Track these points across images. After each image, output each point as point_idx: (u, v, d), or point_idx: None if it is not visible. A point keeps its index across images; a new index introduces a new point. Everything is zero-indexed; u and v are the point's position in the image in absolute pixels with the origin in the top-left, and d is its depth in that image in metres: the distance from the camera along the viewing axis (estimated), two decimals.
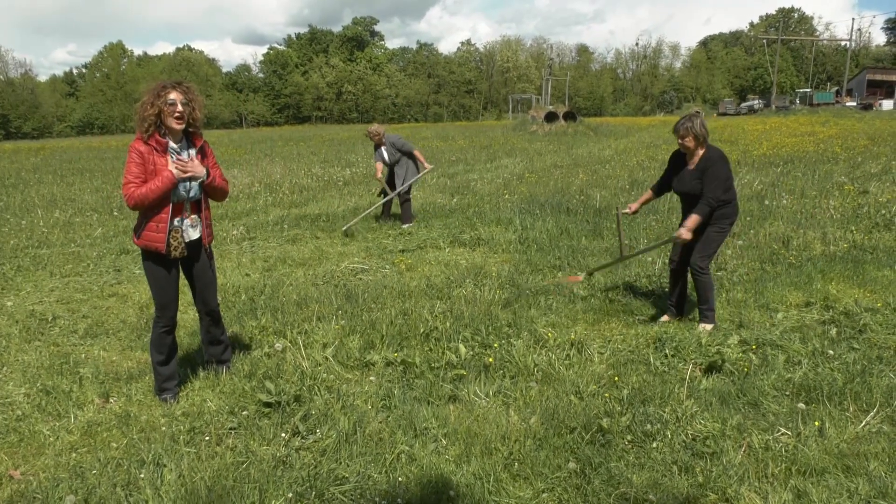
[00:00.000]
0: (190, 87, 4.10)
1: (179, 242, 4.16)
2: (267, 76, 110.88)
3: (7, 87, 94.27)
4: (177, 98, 3.98)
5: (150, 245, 4.10)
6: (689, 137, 5.27)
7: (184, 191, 4.11)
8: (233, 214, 12.65)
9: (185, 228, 4.20)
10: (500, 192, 13.79)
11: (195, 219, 4.25)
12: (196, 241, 4.31)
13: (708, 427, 3.71)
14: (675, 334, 5.10)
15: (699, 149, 5.33)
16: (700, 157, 5.32)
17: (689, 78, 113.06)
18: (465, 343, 5.06)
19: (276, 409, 4.10)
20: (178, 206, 4.13)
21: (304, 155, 27.80)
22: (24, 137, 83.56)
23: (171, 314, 4.34)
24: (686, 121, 5.29)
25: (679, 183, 5.46)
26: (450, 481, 3.30)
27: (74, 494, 3.26)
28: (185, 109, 4.02)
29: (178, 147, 4.10)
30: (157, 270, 4.22)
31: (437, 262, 8.17)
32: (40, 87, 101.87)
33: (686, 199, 5.49)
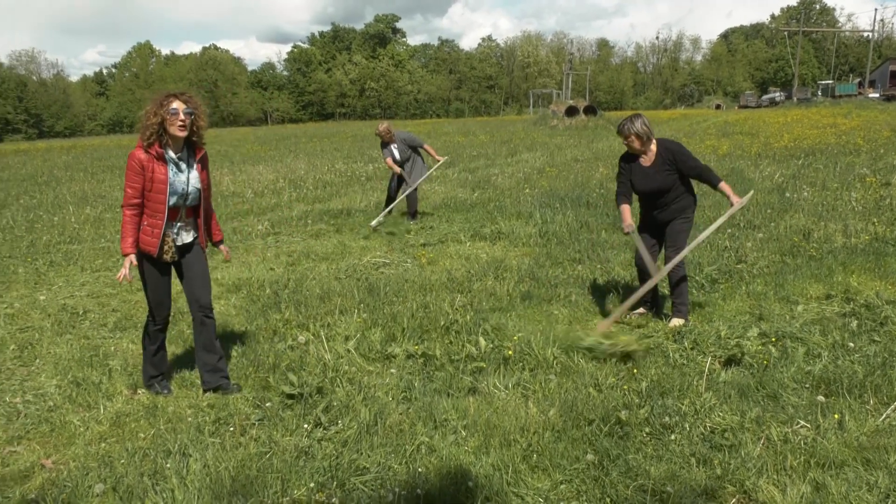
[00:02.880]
0: (193, 97, 4.14)
1: (171, 247, 4.20)
2: (291, 74, 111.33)
3: (40, 88, 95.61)
4: (179, 107, 4.02)
5: (143, 248, 4.13)
6: (632, 137, 5.29)
7: (181, 199, 4.15)
8: (258, 210, 12.73)
9: (179, 233, 4.24)
10: (520, 187, 13.75)
11: (190, 223, 4.29)
12: (189, 244, 4.33)
13: (726, 419, 3.67)
14: (694, 327, 5.06)
15: (649, 145, 5.34)
16: (656, 152, 5.33)
17: (709, 71, 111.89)
18: (484, 336, 5.06)
19: (299, 401, 4.13)
20: (173, 211, 4.16)
21: (327, 151, 27.89)
22: (57, 136, 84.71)
23: (165, 313, 4.39)
24: (627, 122, 5.34)
25: (644, 182, 5.38)
26: (469, 472, 3.30)
27: (103, 483, 3.30)
28: (188, 119, 4.05)
29: (178, 157, 4.12)
30: (150, 271, 4.23)
31: (458, 255, 8.16)
32: (72, 87, 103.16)
33: (651, 197, 5.43)
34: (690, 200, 5.42)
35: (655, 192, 5.37)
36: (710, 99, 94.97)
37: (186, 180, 4.14)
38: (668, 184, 5.29)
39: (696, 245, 5.38)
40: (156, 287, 4.28)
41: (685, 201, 5.37)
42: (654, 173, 5.32)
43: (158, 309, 4.34)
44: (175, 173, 4.09)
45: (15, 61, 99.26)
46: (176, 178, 4.09)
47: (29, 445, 3.83)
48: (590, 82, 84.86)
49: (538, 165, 18.07)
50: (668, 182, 5.28)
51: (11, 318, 6.27)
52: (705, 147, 20.00)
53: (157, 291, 4.29)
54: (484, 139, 30.94)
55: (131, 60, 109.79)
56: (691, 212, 5.43)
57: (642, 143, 5.31)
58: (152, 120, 3.99)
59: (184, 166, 4.14)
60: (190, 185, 4.16)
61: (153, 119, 3.99)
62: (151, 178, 4.02)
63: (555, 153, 21.79)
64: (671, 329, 5.20)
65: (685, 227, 5.37)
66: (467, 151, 24.10)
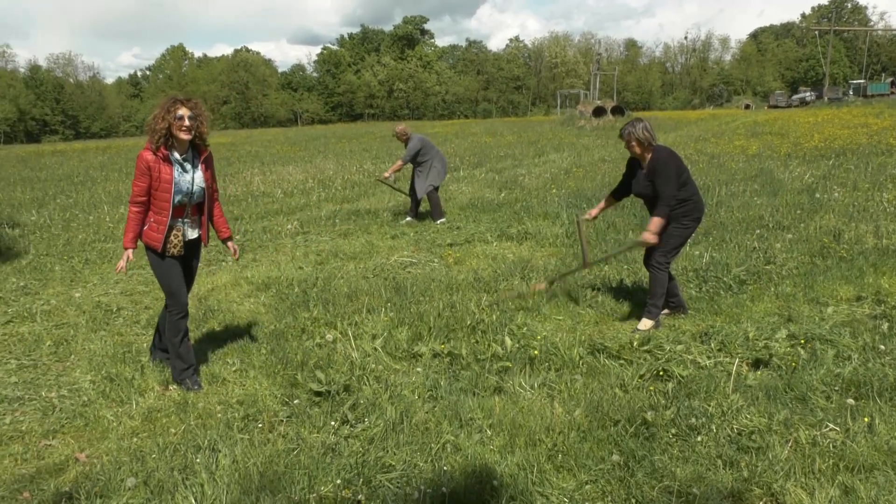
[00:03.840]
0: (197, 103, 4.36)
1: (179, 241, 4.42)
2: (321, 75, 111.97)
3: (77, 90, 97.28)
4: (185, 113, 4.23)
5: (150, 243, 4.37)
6: (633, 142, 5.28)
7: (186, 196, 4.36)
8: (287, 209, 12.82)
9: (185, 228, 4.46)
10: (547, 187, 13.69)
11: (196, 220, 4.54)
12: (195, 240, 4.60)
13: (754, 422, 3.62)
14: (722, 328, 5.00)
15: (646, 152, 5.32)
16: (649, 160, 5.31)
17: (739, 71, 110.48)
18: (510, 336, 5.04)
19: (327, 398, 4.15)
20: (178, 208, 4.39)
21: (356, 152, 28.00)
22: (93, 137, 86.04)
23: (183, 300, 4.53)
24: (628, 126, 5.32)
25: (636, 185, 5.45)
26: (494, 471, 3.29)
27: (135, 477, 3.35)
28: (193, 123, 4.27)
29: (183, 158, 4.34)
30: (159, 263, 4.43)
31: (485, 255, 8.15)
32: (107, 90, 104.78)
33: (645, 200, 5.49)
34: (691, 208, 5.28)
35: (642, 198, 5.44)
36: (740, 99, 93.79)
37: (191, 180, 4.38)
38: (649, 192, 5.29)
39: (616, 254, 5.42)
40: (168, 276, 4.45)
41: (684, 208, 5.26)
42: (643, 180, 5.34)
43: (176, 296, 4.49)
44: (180, 173, 4.33)
45: (53, 64, 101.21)
46: (181, 177, 4.33)
47: (64, 439, 3.90)
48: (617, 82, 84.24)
49: (565, 166, 17.98)
50: (649, 191, 5.28)
51: (48, 314, 6.39)
52: (734, 147, 19.77)
53: (170, 281, 4.46)
54: (511, 140, 30.86)
55: (165, 63, 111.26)
56: (690, 220, 5.32)
57: (643, 148, 5.29)
58: (160, 125, 4.21)
59: (188, 167, 4.36)
60: (195, 185, 4.40)
61: (161, 124, 4.21)
62: (158, 177, 4.25)
63: (582, 153, 21.67)
64: (640, 331, 5.21)
65: (677, 233, 5.30)
66: (494, 152, 24.06)
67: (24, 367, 5.06)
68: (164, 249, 4.36)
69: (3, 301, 6.93)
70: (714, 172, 14.22)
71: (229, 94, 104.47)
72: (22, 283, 7.63)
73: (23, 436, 3.95)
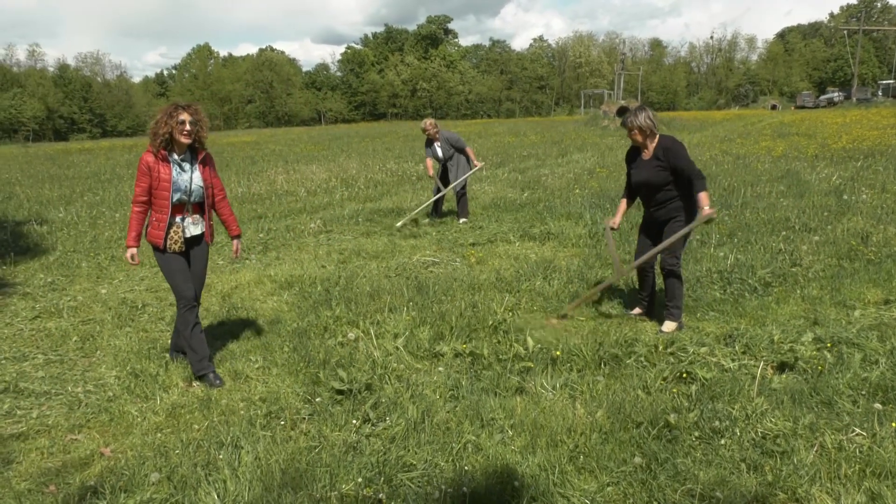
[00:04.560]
0: (198, 109, 4.59)
1: (179, 237, 4.57)
2: (344, 75, 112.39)
3: (104, 89, 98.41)
4: (186, 118, 4.44)
5: (153, 240, 4.55)
6: (635, 130, 5.29)
7: (185, 194, 4.54)
8: (310, 208, 12.88)
9: (186, 226, 4.61)
10: (570, 187, 13.64)
11: (197, 217, 4.67)
12: (198, 236, 4.73)
13: (779, 425, 3.58)
14: (746, 330, 4.95)
15: (650, 140, 5.32)
16: (655, 146, 5.31)
17: (765, 71, 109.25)
18: (532, 336, 5.03)
19: (348, 397, 4.17)
20: (178, 207, 4.56)
21: (379, 151, 28.08)
22: (120, 135, 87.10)
23: (188, 294, 4.63)
24: (631, 114, 5.32)
25: (637, 172, 5.41)
26: (515, 472, 3.29)
27: (159, 472, 3.39)
28: (193, 128, 4.48)
29: (181, 158, 4.54)
30: (164, 258, 4.60)
31: (507, 255, 8.14)
32: (134, 88, 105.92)
33: (646, 189, 5.40)
34: (693, 202, 5.23)
35: (644, 186, 5.37)
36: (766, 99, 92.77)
37: (189, 179, 4.55)
38: (657, 179, 5.24)
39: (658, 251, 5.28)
40: (171, 272, 4.60)
41: (686, 203, 5.25)
42: (646, 167, 5.32)
43: (180, 290, 4.62)
44: (178, 173, 4.51)
45: (81, 63, 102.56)
46: (179, 177, 4.51)
47: (89, 434, 3.95)
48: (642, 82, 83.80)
49: (589, 166, 17.90)
50: (657, 177, 5.24)
51: (74, 310, 6.47)
52: (760, 148, 19.56)
53: (174, 276, 4.60)
54: (534, 139, 30.78)
55: (191, 62, 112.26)
56: (692, 214, 5.27)
57: (644, 136, 5.30)
58: (163, 129, 4.41)
59: (187, 167, 4.57)
60: (193, 184, 4.57)
61: (164, 128, 4.41)
62: (157, 177, 4.45)
63: (606, 154, 21.56)
64: (664, 333, 5.17)
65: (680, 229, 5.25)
66: (518, 152, 24.01)
67: (50, 362, 5.14)
68: (165, 246, 4.52)
69: (31, 297, 7.04)
70: (740, 173, 14.08)
71: (254, 93, 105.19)
72: (49, 279, 7.74)
73: (49, 430, 4.01)
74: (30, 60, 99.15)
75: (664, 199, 5.29)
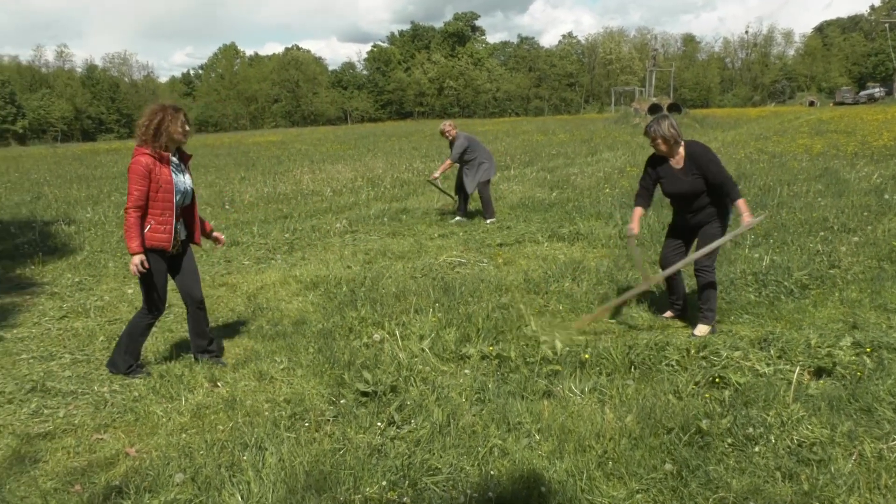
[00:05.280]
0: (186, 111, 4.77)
1: (178, 241, 4.76)
2: (371, 73, 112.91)
3: (131, 89, 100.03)
4: (184, 120, 4.65)
5: (157, 244, 4.58)
6: (659, 140, 5.17)
7: (181, 198, 4.70)
8: (336, 208, 12.95)
9: (180, 229, 4.79)
10: (600, 186, 13.56)
11: (185, 220, 4.86)
12: (185, 241, 4.91)
13: (815, 433, 3.53)
14: (782, 334, 4.88)
15: (676, 148, 5.21)
16: (684, 155, 5.20)
17: (802, 66, 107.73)
18: (560, 338, 5.00)
19: (373, 399, 4.18)
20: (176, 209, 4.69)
21: (405, 150, 28.15)
22: None
23: (163, 306, 4.86)
24: (654, 123, 5.20)
25: (671, 184, 5.29)
26: (542, 477, 3.27)
27: (183, 473, 3.43)
28: (190, 130, 4.70)
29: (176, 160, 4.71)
30: (158, 267, 4.67)
31: (535, 256, 8.11)
32: (161, 89, 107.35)
33: (681, 199, 5.34)
34: (727, 203, 5.22)
35: (684, 196, 5.28)
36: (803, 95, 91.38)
37: (184, 181, 4.72)
38: (697, 188, 5.17)
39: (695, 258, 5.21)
40: (161, 282, 4.74)
41: (719, 206, 5.22)
42: (683, 176, 5.22)
43: (160, 302, 4.81)
44: (175, 175, 4.64)
45: (108, 63, 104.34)
46: (177, 178, 4.64)
47: (115, 433, 4.00)
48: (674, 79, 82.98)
49: (619, 165, 17.78)
50: (697, 186, 5.17)
51: (101, 310, 6.57)
52: (797, 146, 19.29)
53: (162, 286, 4.76)
54: (563, 138, 30.66)
55: (217, 62, 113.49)
56: (726, 218, 5.28)
57: (669, 146, 5.19)
58: (171, 129, 4.53)
59: (182, 168, 4.75)
60: (186, 186, 4.74)
61: (174, 128, 4.54)
62: (158, 179, 4.51)
63: (637, 152, 21.39)
64: (696, 336, 5.11)
65: (719, 233, 5.22)
66: (546, 150, 23.93)
67: (77, 361, 5.22)
68: (171, 249, 4.66)
69: (59, 296, 7.16)
70: (776, 172, 13.90)
71: (280, 92, 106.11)
72: (77, 279, 7.87)
73: (75, 429, 4.07)
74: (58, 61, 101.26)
75: (701, 206, 5.24)
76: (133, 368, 4.82)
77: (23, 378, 4.84)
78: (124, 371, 4.80)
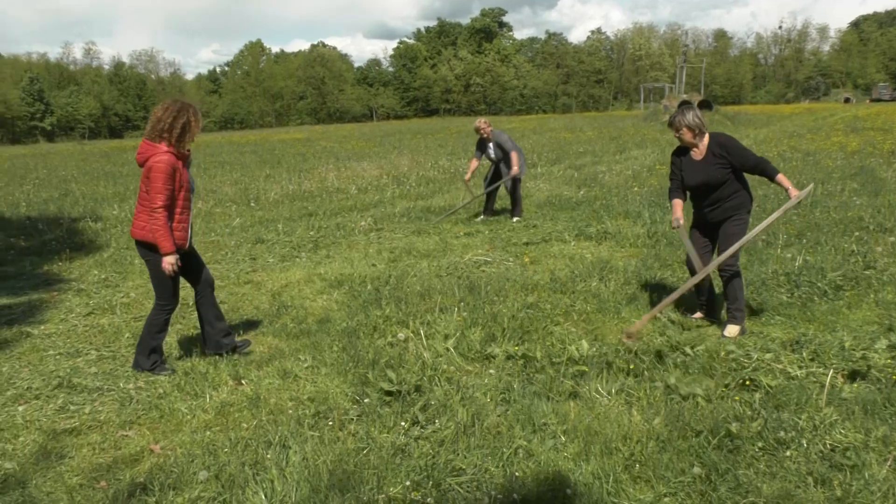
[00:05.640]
0: None
1: (191, 238, 4.93)
2: (396, 70, 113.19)
3: (158, 86, 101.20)
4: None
5: (178, 242, 4.70)
6: (684, 130, 5.19)
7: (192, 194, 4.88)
8: (361, 206, 13.01)
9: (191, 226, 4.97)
10: (628, 185, 13.47)
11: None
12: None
13: (849, 437, 3.47)
14: (815, 336, 4.81)
15: (700, 138, 5.21)
16: (708, 145, 5.21)
17: (838, 62, 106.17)
18: (587, 338, 4.98)
19: (397, 398, 4.19)
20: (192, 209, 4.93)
21: (431, 147, 28.19)
22: None
23: (177, 300, 4.98)
24: (678, 114, 5.23)
25: (693, 175, 5.27)
26: (567, 479, 3.26)
27: (207, 470, 3.46)
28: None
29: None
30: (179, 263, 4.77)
31: (562, 255, 8.08)
32: (187, 86, 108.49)
33: (700, 191, 5.30)
34: (745, 198, 5.24)
35: (703, 186, 5.25)
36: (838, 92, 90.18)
37: (191, 178, 4.86)
38: (717, 178, 5.14)
39: (749, 239, 5.14)
40: (177, 278, 4.85)
41: (739, 199, 5.21)
42: (703, 167, 5.21)
43: (176, 296, 4.93)
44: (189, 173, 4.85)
45: (136, 60, 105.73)
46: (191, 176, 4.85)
47: (140, 430, 4.05)
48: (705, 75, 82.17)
49: (648, 163, 17.65)
50: (717, 176, 5.14)
51: (127, 306, 6.66)
52: (832, 144, 19.02)
53: (177, 282, 4.88)
54: (591, 135, 30.51)
55: (243, 58, 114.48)
56: (746, 212, 5.25)
57: (694, 135, 5.20)
58: (194, 129, 4.67)
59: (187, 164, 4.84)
60: (193, 183, 4.90)
61: (196, 127, 4.67)
62: (181, 179, 4.65)
63: (666, 150, 21.21)
64: (726, 337, 5.08)
65: (739, 231, 5.17)
66: (573, 148, 23.82)
67: (103, 358, 5.29)
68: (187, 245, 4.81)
69: (86, 293, 7.26)
70: (809, 171, 13.71)
71: (305, 89, 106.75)
72: (103, 276, 7.98)
73: (101, 426, 4.13)
74: (86, 59, 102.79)
75: (719, 198, 5.21)
76: (157, 364, 4.90)
77: (49, 374, 4.92)
78: (149, 368, 4.87)
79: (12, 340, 5.72)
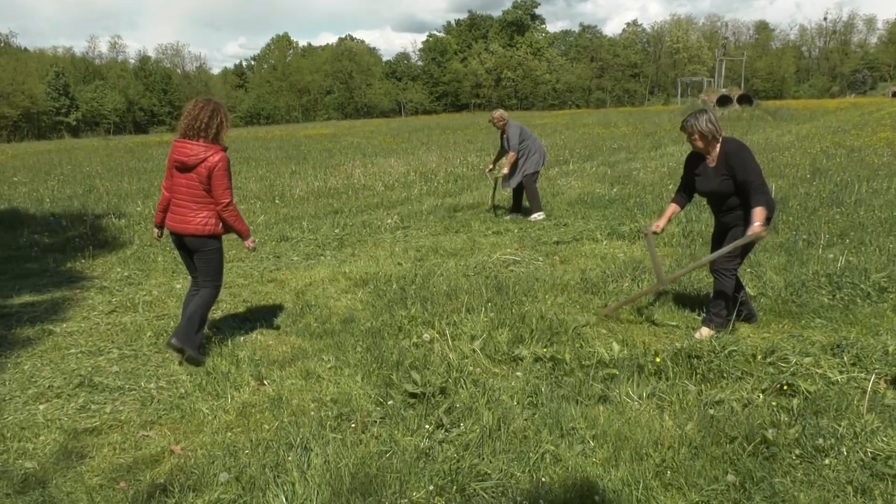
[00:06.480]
0: None
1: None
2: (426, 64, 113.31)
3: (183, 81, 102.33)
4: None
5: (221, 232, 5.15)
6: (696, 135, 5.09)
7: None
8: (388, 203, 13.04)
9: None
10: (663, 182, 13.35)
11: None
12: None
13: (891, 445, 3.42)
14: (857, 340, 4.73)
15: (713, 145, 5.09)
16: (719, 153, 5.08)
17: (886, 54, 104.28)
18: (618, 341, 4.95)
19: (422, 400, 4.19)
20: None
21: (460, 143, 28.17)
22: None
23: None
24: (691, 118, 5.11)
25: (704, 182, 5.21)
26: (596, 485, 3.24)
27: (228, 472, 3.50)
28: None
29: None
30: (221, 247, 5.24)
31: (594, 254, 8.04)
32: (213, 80, 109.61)
33: (714, 199, 5.25)
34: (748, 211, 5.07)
35: (712, 195, 5.21)
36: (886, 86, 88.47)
37: None
38: (724, 188, 5.06)
39: (697, 266, 5.40)
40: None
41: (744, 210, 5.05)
42: (713, 175, 5.13)
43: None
44: None
45: (161, 55, 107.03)
46: None
47: (160, 431, 4.11)
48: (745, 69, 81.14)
49: (684, 160, 17.45)
50: (724, 187, 5.06)
51: (149, 305, 6.74)
52: (877, 140, 18.69)
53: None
54: (626, 131, 30.29)
55: (270, 52, 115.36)
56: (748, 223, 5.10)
57: (706, 142, 5.10)
58: (227, 125, 5.01)
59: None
60: None
61: (227, 124, 5.01)
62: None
63: None
64: (695, 339, 4.95)
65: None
66: (607, 144, 23.68)
67: (125, 356, 5.37)
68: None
69: (108, 291, 7.37)
70: (854, 167, 13.49)
71: (332, 83, 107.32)
72: (126, 273, 8.10)
73: (122, 425, 4.19)
74: (111, 53, 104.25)
75: (733, 206, 5.14)
76: (202, 345, 5.18)
77: (71, 373, 5.01)
78: (197, 347, 5.08)
79: (34, 338, 5.83)
